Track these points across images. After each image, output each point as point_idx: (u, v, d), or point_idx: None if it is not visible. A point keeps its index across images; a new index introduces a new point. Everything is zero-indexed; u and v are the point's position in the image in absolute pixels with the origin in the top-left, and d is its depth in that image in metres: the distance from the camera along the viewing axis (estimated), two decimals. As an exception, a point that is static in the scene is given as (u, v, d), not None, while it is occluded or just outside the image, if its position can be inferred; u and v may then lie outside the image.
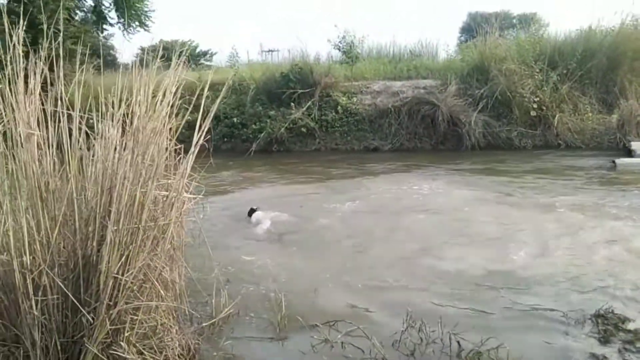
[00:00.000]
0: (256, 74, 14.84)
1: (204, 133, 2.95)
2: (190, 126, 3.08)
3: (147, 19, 19.35)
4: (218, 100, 3.10)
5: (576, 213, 6.40)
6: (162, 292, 2.94)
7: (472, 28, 25.13)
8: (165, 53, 3.21)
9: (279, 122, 13.42)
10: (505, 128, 12.47)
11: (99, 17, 19.01)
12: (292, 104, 13.61)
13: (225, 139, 13.67)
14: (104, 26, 19.48)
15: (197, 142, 2.98)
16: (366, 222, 6.45)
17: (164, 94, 2.91)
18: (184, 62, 3.10)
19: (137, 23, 19.30)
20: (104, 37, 21.42)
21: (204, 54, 29.12)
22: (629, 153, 10.22)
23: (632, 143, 10.53)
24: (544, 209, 6.67)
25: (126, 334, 2.79)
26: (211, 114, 2.93)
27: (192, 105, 3.19)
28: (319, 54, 15.66)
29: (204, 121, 2.97)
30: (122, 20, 18.77)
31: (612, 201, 6.90)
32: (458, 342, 3.30)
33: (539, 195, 7.46)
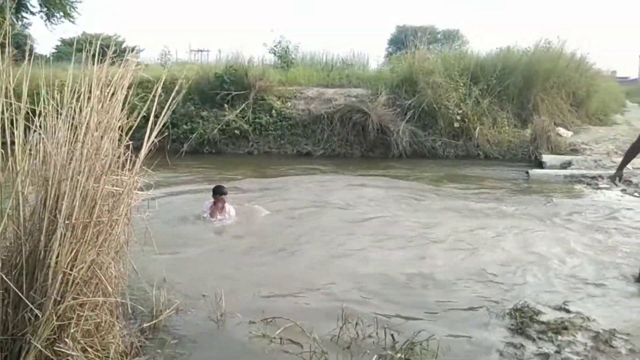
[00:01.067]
0: (189, 73, 14.61)
1: (158, 131, 2.99)
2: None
3: (72, 9, 18.46)
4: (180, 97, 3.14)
5: (493, 218, 6.94)
6: (109, 288, 2.93)
7: (400, 40, 26.21)
8: (100, 47, 3.19)
9: (211, 123, 13.33)
10: (430, 138, 13.13)
11: (19, 4, 17.88)
12: (226, 105, 13.56)
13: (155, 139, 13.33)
14: (24, 14, 18.34)
15: (149, 139, 3.01)
16: (297, 223, 6.65)
17: (118, 89, 2.92)
18: (111, 57, 3.12)
19: (61, 13, 18.34)
20: (22, 25, 20.17)
21: (131, 50, 28.16)
22: (540, 165, 11.14)
23: (543, 156, 11.49)
24: (463, 213, 7.16)
25: (71, 331, 2.77)
26: (168, 112, 2.97)
27: (128, 103, 3.22)
28: (253, 57, 15.70)
29: (157, 119, 3.02)
30: (44, 9, 17.78)
31: (526, 207, 7.52)
32: (392, 335, 3.53)
33: (459, 202, 7.96)
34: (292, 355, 3.37)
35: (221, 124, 13.25)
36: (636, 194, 8.24)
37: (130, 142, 3.17)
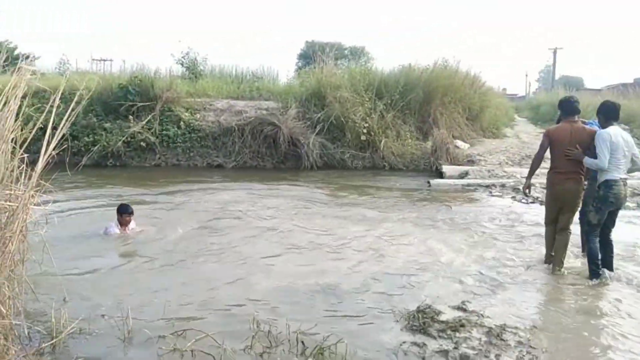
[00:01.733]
0: (90, 83, 13.91)
1: (56, 143, 2.88)
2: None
3: (-46, 11, 16.92)
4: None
5: (396, 224, 7.28)
6: (2, 310, 2.75)
7: (309, 55, 26.74)
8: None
9: (115, 135, 12.80)
10: (339, 150, 13.51)
11: None
12: (131, 116, 13.08)
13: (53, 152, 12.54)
14: None
15: (47, 151, 2.88)
16: (205, 237, 6.56)
17: (11, 99, 2.77)
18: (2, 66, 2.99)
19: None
20: None
21: (25, 57, 26.35)
22: (441, 175, 11.85)
23: (443, 166, 12.22)
24: (368, 221, 7.44)
25: (-43, 358, 2.57)
26: (67, 124, 2.86)
27: (23, 114, 3.08)
28: (159, 68, 15.30)
29: (55, 130, 2.90)
30: None
31: (427, 214, 7.98)
32: (302, 342, 3.61)
33: (364, 210, 8.25)
34: (204, 368, 3.34)
35: (126, 136, 12.75)
36: (524, 200, 9.02)
37: (26, 155, 3.02)
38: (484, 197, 9.71)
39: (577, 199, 5.28)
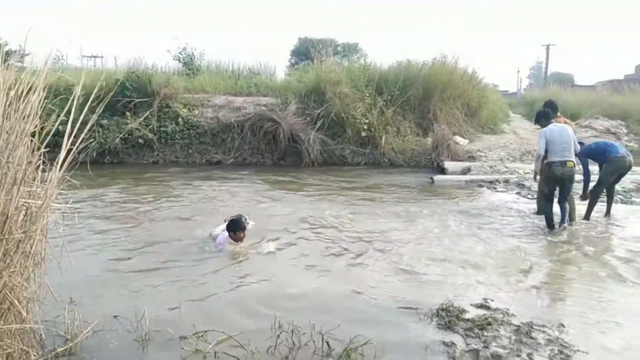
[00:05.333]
0: (85, 79, 13.67)
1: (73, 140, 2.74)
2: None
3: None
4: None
5: (404, 222, 7.18)
6: (23, 313, 2.61)
7: (302, 52, 26.56)
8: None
9: (112, 132, 12.59)
10: (339, 146, 13.40)
11: None
12: (128, 113, 12.87)
13: (49, 149, 12.29)
14: None
15: (66, 149, 2.74)
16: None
17: (31, 93, 2.63)
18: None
19: None
20: None
21: (13, 53, 25.98)
22: (443, 171, 11.76)
23: (445, 162, 12.14)
24: (376, 218, 7.34)
25: (-23, 365, 2.43)
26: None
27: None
28: (155, 64, 15.09)
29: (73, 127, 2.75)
30: None
31: (435, 210, 7.90)
32: (328, 342, 3.50)
33: (370, 207, 8.19)
34: (229, 370, 3.22)
35: (123, 133, 12.54)
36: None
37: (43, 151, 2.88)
38: (489, 193, 9.65)
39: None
